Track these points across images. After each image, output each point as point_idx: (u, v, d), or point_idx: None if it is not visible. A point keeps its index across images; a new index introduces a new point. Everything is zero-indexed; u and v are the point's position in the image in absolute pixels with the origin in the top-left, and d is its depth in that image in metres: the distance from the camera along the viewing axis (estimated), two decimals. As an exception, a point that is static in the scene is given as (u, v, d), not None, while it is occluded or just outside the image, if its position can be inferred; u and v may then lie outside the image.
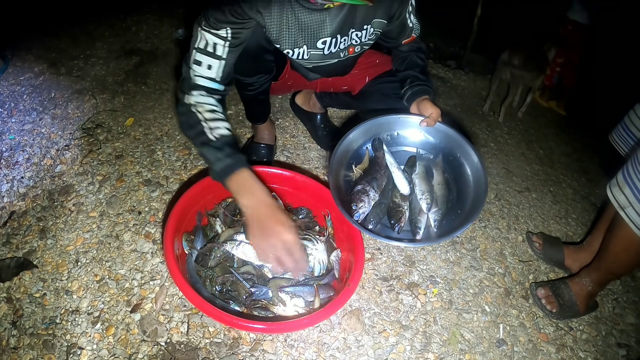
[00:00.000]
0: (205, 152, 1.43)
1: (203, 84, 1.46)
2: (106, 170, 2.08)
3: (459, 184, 1.79)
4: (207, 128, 1.42)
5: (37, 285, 1.64)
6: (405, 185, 1.75)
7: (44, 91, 2.52)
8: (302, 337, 1.61)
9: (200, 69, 1.45)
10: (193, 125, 1.43)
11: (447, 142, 1.82)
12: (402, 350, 1.64)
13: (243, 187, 1.42)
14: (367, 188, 1.65)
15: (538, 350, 1.78)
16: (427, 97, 1.79)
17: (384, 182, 1.74)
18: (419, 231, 1.64)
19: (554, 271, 2.15)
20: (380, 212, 1.67)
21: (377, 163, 1.76)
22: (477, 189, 1.71)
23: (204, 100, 1.46)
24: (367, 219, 1.63)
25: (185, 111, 1.46)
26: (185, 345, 1.52)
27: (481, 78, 3.69)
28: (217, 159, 1.41)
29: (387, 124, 1.84)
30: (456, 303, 1.86)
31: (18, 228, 1.83)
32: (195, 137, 1.44)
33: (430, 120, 1.73)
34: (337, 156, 1.70)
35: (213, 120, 1.44)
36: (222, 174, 1.41)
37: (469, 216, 1.62)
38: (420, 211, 1.68)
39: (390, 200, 1.74)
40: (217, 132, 1.42)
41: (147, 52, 2.96)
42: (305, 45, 1.63)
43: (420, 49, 1.90)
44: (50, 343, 1.48)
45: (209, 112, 1.45)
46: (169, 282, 1.68)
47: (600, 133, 2.29)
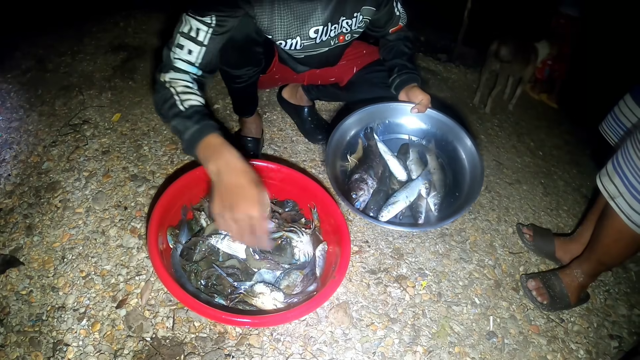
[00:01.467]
0: (176, 124, 1.36)
1: (180, 66, 1.43)
2: (93, 166, 2.06)
3: (454, 168, 1.83)
4: (179, 100, 1.36)
5: (23, 283, 1.63)
6: (401, 171, 1.79)
7: (31, 88, 2.51)
8: (289, 331, 1.60)
9: (180, 52, 1.42)
10: (166, 100, 1.38)
11: (439, 127, 1.86)
12: (390, 344, 1.64)
13: (211, 152, 1.31)
14: (364, 176, 1.68)
15: (529, 343, 1.78)
16: (415, 84, 1.81)
17: (380, 170, 1.77)
18: (420, 216, 1.68)
19: (544, 263, 2.15)
20: (379, 199, 1.70)
21: (371, 152, 1.79)
22: (473, 171, 1.74)
23: (178, 77, 1.42)
24: (367, 207, 1.67)
25: (160, 88, 1.41)
26: (170, 340, 1.51)
27: (472, 71, 3.68)
28: (186, 128, 1.33)
29: (378, 112, 1.86)
30: (445, 295, 1.86)
31: (5, 225, 1.82)
32: (167, 112, 1.38)
33: (420, 107, 1.76)
34: (332, 147, 1.71)
35: (185, 93, 1.39)
36: (191, 143, 1.33)
37: (468, 197, 1.67)
38: (420, 196, 1.71)
39: (389, 187, 1.77)
40: (187, 103, 1.36)
41: (135, 48, 2.94)
42: (298, 36, 1.63)
43: (407, 37, 1.91)
44: (36, 340, 1.48)
45: (182, 87, 1.41)
46: (154, 277, 1.67)
47: (592, 125, 2.26)
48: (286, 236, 1.67)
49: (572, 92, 3.59)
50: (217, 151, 1.31)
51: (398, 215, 1.70)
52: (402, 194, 1.71)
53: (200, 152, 1.33)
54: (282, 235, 1.68)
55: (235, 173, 1.28)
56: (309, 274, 1.61)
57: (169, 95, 1.38)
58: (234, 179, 1.27)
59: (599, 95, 3.09)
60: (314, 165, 2.28)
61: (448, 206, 1.74)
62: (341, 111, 2.62)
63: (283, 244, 1.68)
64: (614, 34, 3.37)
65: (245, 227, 1.28)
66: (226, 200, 1.26)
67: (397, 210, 1.69)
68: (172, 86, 1.39)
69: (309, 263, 1.64)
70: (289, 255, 1.66)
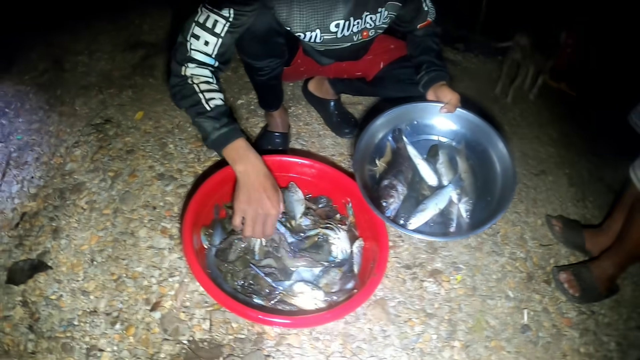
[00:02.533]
0: (202, 122, 1.42)
1: (198, 58, 1.43)
2: (117, 165, 2.03)
3: (485, 170, 1.73)
4: (203, 99, 1.41)
5: (52, 287, 1.60)
6: (432, 176, 1.71)
7: (49, 89, 2.47)
8: (328, 329, 1.58)
9: (197, 43, 1.42)
10: (188, 96, 1.42)
11: (469, 128, 1.78)
12: (428, 339, 1.62)
13: (239, 155, 1.43)
14: (394, 182, 1.60)
15: (562, 336, 1.77)
16: (444, 82, 1.76)
17: (410, 174, 1.70)
18: (452, 223, 1.60)
19: (574, 255, 2.11)
20: (410, 206, 1.62)
21: (400, 155, 1.71)
22: (505, 175, 1.66)
23: (199, 72, 1.44)
24: (398, 215, 1.59)
25: (181, 82, 1.44)
26: (208, 342, 1.48)
27: (491, 60, 3.61)
28: (214, 129, 1.41)
29: (407, 113, 1.78)
30: (480, 289, 1.83)
31: (30, 229, 1.78)
32: (190, 108, 1.43)
33: (450, 106, 1.69)
34: (360, 152, 1.64)
35: (208, 91, 1.43)
36: (219, 143, 1.42)
37: (500, 204, 1.58)
38: (451, 202, 1.64)
39: (419, 194, 1.69)
40: (212, 102, 1.42)
41: (152, 45, 2.90)
42: (318, 29, 1.59)
43: (435, 33, 1.86)
44: (69, 346, 1.45)
45: (205, 84, 1.44)
46: (188, 278, 1.64)
47: (612, 114, 2.27)
48: (323, 233, 1.63)
49: (591, 81, 3.53)
50: (245, 155, 1.44)
51: (428, 222, 1.62)
52: (432, 201, 1.63)
53: (227, 154, 1.44)
54: (318, 233, 1.64)
55: (261, 176, 1.44)
56: (347, 271, 1.57)
57: (192, 92, 1.42)
58: (260, 180, 1.43)
59: (618, 82, 3.13)
60: (343, 160, 2.24)
61: (480, 212, 1.66)
62: (368, 105, 2.61)
63: (320, 241, 1.63)
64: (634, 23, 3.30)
65: (260, 222, 1.44)
66: (252, 196, 1.42)
67: (426, 218, 1.61)
68: (194, 82, 1.43)
69: (346, 260, 1.60)
70: (326, 252, 1.61)
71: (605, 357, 1.77)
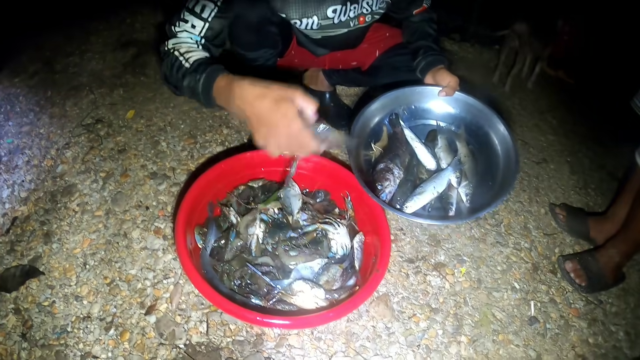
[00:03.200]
0: (188, 83, 1.29)
1: (182, 35, 1.38)
2: (109, 166, 2.00)
3: (486, 154, 1.68)
4: (183, 60, 1.31)
5: (45, 293, 1.57)
6: (430, 160, 1.66)
7: (39, 91, 2.44)
8: (330, 328, 1.54)
9: (184, 25, 1.38)
10: (172, 64, 1.33)
11: (469, 111, 1.73)
12: (434, 335, 1.60)
13: (225, 94, 1.21)
14: (390, 166, 1.56)
15: (570, 326, 1.75)
16: (442, 66, 1.71)
17: (407, 158, 1.65)
18: (451, 207, 1.54)
19: (579, 243, 2.09)
20: (406, 189, 1.57)
21: (397, 139, 1.66)
22: (506, 157, 1.61)
23: (181, 41, 1.37)
24: (394, 198, 1.53)
25: (164, 56, 1.37)
26: (206, 346, 1.44)
27: (487, 50, 3.60)
28: (196, 81, 1.26)
29: (404, 96, 1.74)
30: (485, 282, 1.81)
31: (21, 234, 1.75)
32: (176, 75, 1.33)
33: (448, 90, 1.65)
34: (355, 135, 1.59)
35: (188, 52, 1.33)
36: (206, 95, 1.26)
37: (502, 187, 1.52)
38: (450, 186, 1.58)
39: (417, 177, 1.64)
40: (191, 59, 1.31)
41: (144, 43, 2.86)
42: (315, 15, 1.58)
43: (431, 18, 1.84)
44: (63, 354, 1.41)
45: (185, 47, 1.36)
46: (183, 279, 1.60)
47: (611, 101, 2.31)
48: (322, 229, 1.58)
49: (588, 67, 3.50)
50: (229, 90, 1.19)
51: (427, 207, 1.57)
52: (430, 185, 1.58)
53: (219, 100, 1.25)
54: (317, 228, 1.59)
55: (253, 102, 1.14)
56: (348, 267, 1.53)
57: (174, 59, 1.34)
58: (260, 106, 1.13)
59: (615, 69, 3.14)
60: (340, 152, 2.19)
61: (480, 196, 1.60)
62: (363, 97, 2.55)
63: (319, 237, 1.59)
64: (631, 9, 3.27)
65: (293, 143, 1.16)
66: (264, 127, 1.14)
67: (424, 202, 1.55)
68: (176, 49, 1.35)
69: (347, 256, 1.56)
70: (326, 248, 1.57)
71: (615, 347, 1.74)
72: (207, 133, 2.19)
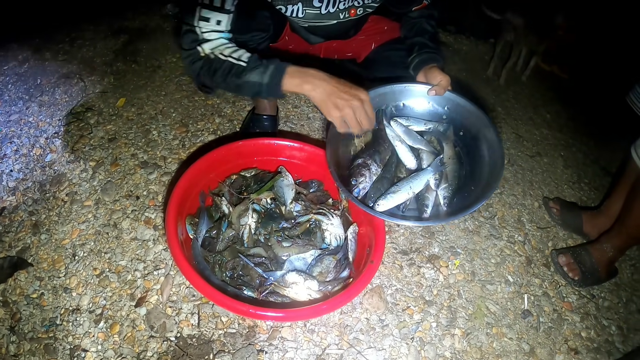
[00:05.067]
0: (248, 78, 1.39)
1: (213, 37, 1.42)
2: (99, 155, 1.97)
3: (473, 159, 1.64)
4: (234, 59, 1.39)
5: (33, 285, 1.54)
6: (411, 159, 1.61)
7: (29, 79, 2.40)
8: (323, 320, 1.53)
9: (208, 25, 1.40)
10: (218, 68, 1.40)
11: (459, 113, 1.68)
12: (427, 328, 1.59)
13: (300, 77, 1.39)
14: (368, 162, 1.52)
15: (563, 320, 1.76)
16: (435, 64, 1.68)
17: (388, 155, 1.61)
18: (426, 209, 1.50)
19: (572, 237, 2.10)
20: (381, 187, 1.53)
21: (380, 136, 1.63)
22: (492, 163, 1.55)
23: (216, 44, 1.42)
24: (367, 195, 1.50)
25: (204, 63, 1.42)
26: (197, 338, 1.42)
27: (483, 42, 3.62)
28: (262, 73, 1.38)
29: (392, 93, 1.71)
30: (479, 274, 1.81)
31: (9, 225, 1.72)
32: (225, 77, 1.40)
33: (439, 89, 1.61)
34: (335, 130, 1.53)
35: (234, 52, 1.41)
36: (275, 83, 1.39)
37: (482, 194, 1.46)
38: (428, 187, 1.54)
39: (394, 176, 1.60)
40: (244, 57, 1.40)
41: (135, 30, 2.83)
42: (300, 2, 1.55)
43: (431, 15, 1.82)
44: (52, 347, 1.39)
45: (226, 49, 1.42)
46: (174, 270, 1.57)
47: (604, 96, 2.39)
48: (315, 219, 1.56)
49: (583, 63, 3.51)
50: (304, 73, 1.39)
51: (401, 207, 1.53)
52: (406, 185, 1.53)
53: (288, 86, 1.40)
54: (310, 219, 1.57)
55: (330, 80, 1.39)
56: (342, 258, 1.50)
57: (220, 63, 1.40)
58: (333, 83, 1.38)
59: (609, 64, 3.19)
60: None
61: (460, 201, 1.56)
62: None
63: (312, 228, 1.57)
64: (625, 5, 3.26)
65: (360, 113, 1.40)
66: (337, 99, 1.37)
67: (397, 201, 1.50)
68: (216, 54, 1.41)
69: (341, 247, 1.53)
70: (319, 239, 1.55)
71: (607, 341, 1.74)
72: (199, 122, 2.16)
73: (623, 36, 3.19)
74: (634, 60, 2.13)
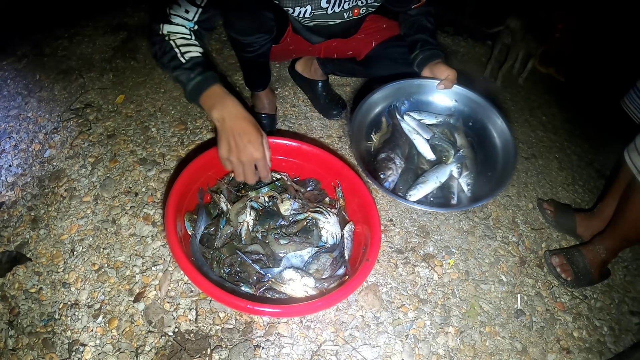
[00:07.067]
0: (179, 76, 1.41)
1: (177, 21, 1.44)
2: (98, 151, 1.97)
3: (485, 146, 1.77)
4: (179, 53, 1.40)
5: (32, 280, 1.55)
6: (429, 151, 1.72)
7: (28, 74, 2.40)
8: (319, 317, 1.55)
9: (177, 9, 1.43)
10: (166, 52, 1.41)
11: (467, 105, 1.81)
12: (422, 325, 1.61)
13: (214, 102, 1.39)
14: (391, 155, 1.62)
15: (556, 320, 1.78)
16: (440, 60, 1.75)
17: (407, 148, 1.70)
18: (453, 197, 1.63)
19: (565, 239, 2.12)
20: (408, 178, 1.64)
21: (397, 130, 1.72)
22: (505, 148, 1.69)
23: (176, 30, 1.44)
24: (396, 187, 1.61)
25: (159, 40, 1.43)
26: (195, 333, 1.43)
27: (480, 44, 3.62)
28: (189, 79, 1.39)
29: (405, 88, 1.81)
30: (473, 274, 1.83)
31: (8, 220, 1.72)
32: (168, 63, 1.42)
33: (447, 82, 1.71)
34: (356, 124, 1.65)
35: (184, 45, 1.42)
36: (195, 93, 1.40)
37: (502, 177, 1.61)
38: (451, 177, 1.65)
39: (417, 167, 1.70)
40: (187, 55, 1.41)
41: (134, 27, 2.82)
42: (309, 4, 1.58)
43: (429, 12, 1.85)
44: (50, 341, 1.40)
45: (181, 39, 1.43)
46: (172, 266, 1.58)
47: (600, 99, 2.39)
48: (312, 217, 1.57)
49: (579, 66, 3.53)
50: (220, 100, 1.39)
51: (428, 197, 1.64)
52: (433, 175, 1.65)
53: (203, 102, 1.41)
54: (307, 217, 1.58)
55: (238, 119, 1.37)
56: (338, 256, 1.52)
57: (169, 48, 1.41)
58: (238, 124, 1.36)
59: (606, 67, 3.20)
60: (331, 142, 2.19)
61: (481, 186, 1.68)
62: (356, 90, 2.57)
63: (309, 226, 1.58)
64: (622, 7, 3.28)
65: (248, 168, 1.39)
66: (232, 144, 1.36)
67: (427, 191, 1.62)
68: (171, 39, 1.42)
69: (337, 245, 1.55)
70: (316, 237, 1.56)
71: (599, 341, 1.76)
72: (198, 119, 2.17)
73: (619, 40, 3.20)
74: (629, 64, 2.15)
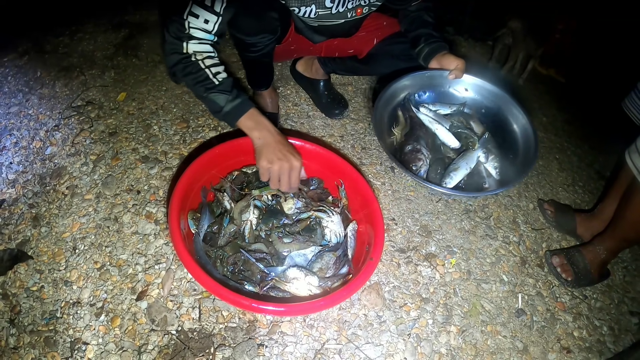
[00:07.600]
0: (213, 97, 1.46)
1: (199, 35, 1.45)
2: (100, 148, 1.96)
3: (501, 132, 1.87)
4: (210, 74, 1.45)
5: (33, 278, 1.54)
6: (452, 139, 1.79)
7: (29, 71, 2.38)
8: (322, 316, 1.54)
9: (196, 22, 1.43)
10: (194, 72, 1.45)
11: (479, 92, 1.92)
12: (424, 324, 1.61)
13: (255, 122, 1.49)
14: (418, 147, 1.69)
15: (556, 320, 1.78)
16: (446, 51, 1.79)
17: (429, 139, 1.77)
18: (484, 181, 1.73)
19: (565, 239, 2.11)
20: (439, 168, 1.72)
21: (415, 122, 1.78)
22: (523, 131, 1.80)
23: (202, 49, 1.47)
24: (428, 177, 1.68)
25: (183, 59, 1.46)
26: (198, 332, 1.43)
27: (480, 44, 3.60)
28: (227, 101, 1.45)
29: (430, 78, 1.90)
30: (474, 273, 1.83)
31: (9, 217, 1.71)
32: (194, 84, 1.46)
33: (457, 72, 1.76)
34: (377, 119, 1.73)
35: (213, 65, 1.47)
36: (233, 115, 1.47)
37: (527, 159, 1.72)
38: (478, 162, 1.74)
39: (444, 156, 1.78)
40: (219, 76, 1.46)
41: (136, 24, 2.81)
42: (314, 4, 1.59)
43: (429, 7, 1.87)
44: (52, 340, 1.39)
45: (208, 59, 1.47)
46: (175, 264, 1.58)
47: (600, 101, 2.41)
48: (315, 216, 1.57)
49: (580, 67, 3.52)
50: (260, 121, 1.50)
51: (460, 183, 1.70)
52: (462, 162, 1.73)
53: (242, 123, 1.49)
54: (310, 216, 1.58)
55: (278, 136, 1.50)
56: (342, 255, 1.52)
57: (197, 69, 1.45)
58: (278, 140, 1.49)
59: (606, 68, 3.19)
60: (334, 141, 2.19)
61: (507, 169, 1.77)
62: (358, 89, 2.57)
63: (312, 225, 1.58)
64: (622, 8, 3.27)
65: (286, 175, 1.47)
66: (276, 155, 1.45)
67: (460, 177, 1.70)
68: (199, 59, 1.45)
69: (341, 244, 1.55)
70: (319, 236, 1.57)
71: (599, 341, 1.76)
72: (200, 117, 2.16)
73: (620, 41, 3.20)
74: (630, 66, 2.15)
